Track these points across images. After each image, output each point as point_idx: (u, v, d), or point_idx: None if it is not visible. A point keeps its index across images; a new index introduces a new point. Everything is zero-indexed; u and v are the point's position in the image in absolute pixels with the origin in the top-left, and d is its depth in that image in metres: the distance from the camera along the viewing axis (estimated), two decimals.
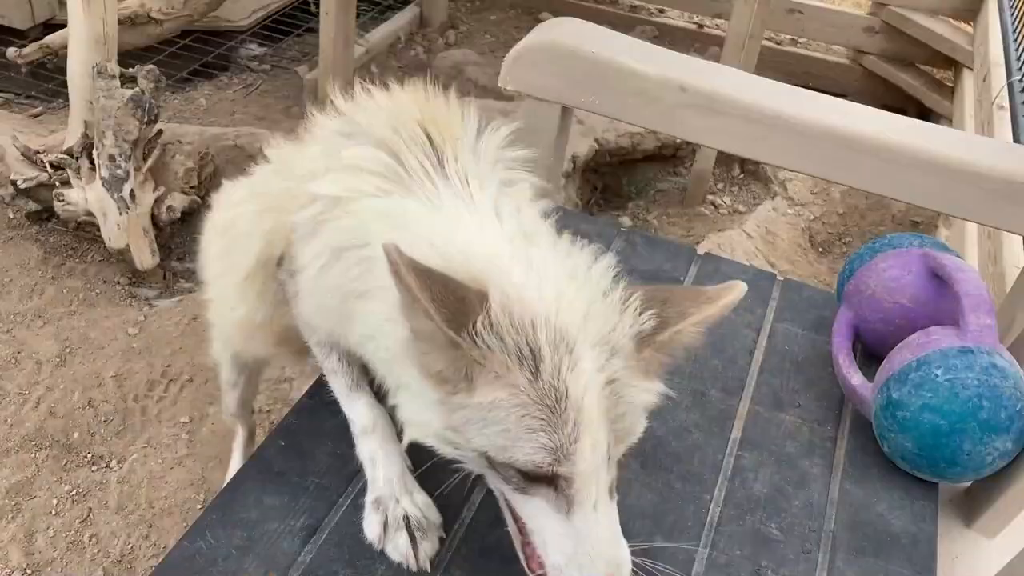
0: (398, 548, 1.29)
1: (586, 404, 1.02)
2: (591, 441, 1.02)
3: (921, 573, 1.46)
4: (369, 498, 1.35)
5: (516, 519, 1.15)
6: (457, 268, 1.06)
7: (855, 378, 1.70)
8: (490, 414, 1.03)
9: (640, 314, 1.09)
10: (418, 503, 1.33)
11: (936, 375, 1.52)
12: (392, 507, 1.31)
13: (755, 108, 1.96)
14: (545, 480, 1.04)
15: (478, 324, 1.01)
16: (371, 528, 1.32)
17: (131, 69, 3.27)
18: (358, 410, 1.42)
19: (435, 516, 1.33)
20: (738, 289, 1.14)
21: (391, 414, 1.33)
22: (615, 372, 1.06)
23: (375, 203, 1.21)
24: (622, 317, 1.09)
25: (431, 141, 1.26)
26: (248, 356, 1.92)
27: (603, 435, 1.04)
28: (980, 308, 1.58)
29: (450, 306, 1.00)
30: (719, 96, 1.99)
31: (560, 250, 1.18)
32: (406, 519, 1.30)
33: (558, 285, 1.08)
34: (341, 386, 1.45)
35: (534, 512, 1.08)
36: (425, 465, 1.30)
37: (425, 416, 1.11)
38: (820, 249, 4.15)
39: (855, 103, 2.11)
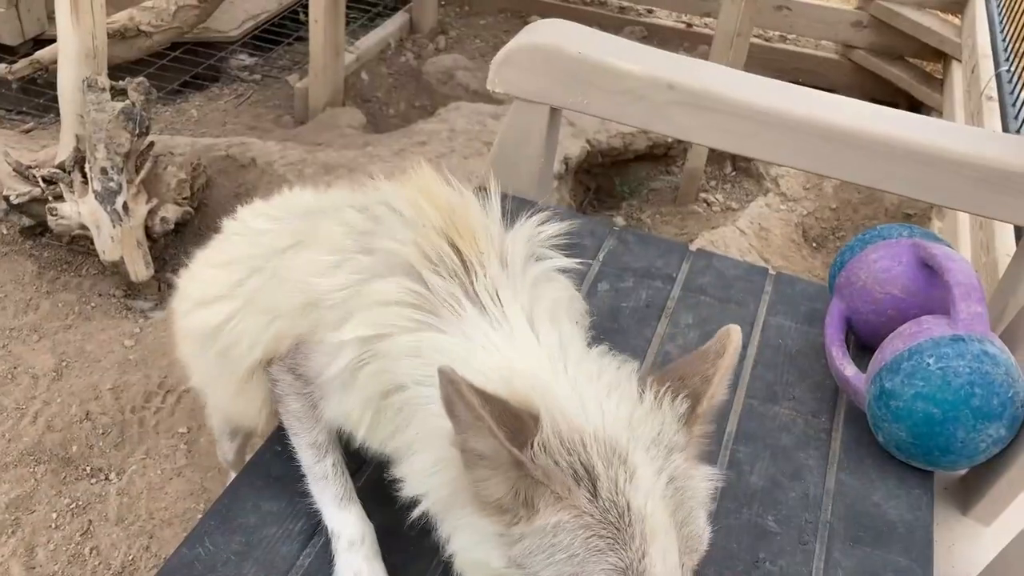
0: None
1: (650, 512, 0.98)
2: (660, 551, 0.97)
3: (917, 561, 1.47)
4: None
5: None
6: (501, 390, 1.02)
7: (848, 369, 1.71)
8: (555, 539, 0.98)
9: (674, 402, 1.07)
10: None
11: (928, 364, 1.53)
12: None
13: (744, 104, 1.97)
14: None
15: (535, 443, 0.98)
16: None
17: (121, 82, 3.28)
18: (348, 521, 1.35)
19: None
20: (736, 333, 1.12)
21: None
22: (675, 470, 1.02)
23: (406, 340, 1.17)
24: (663, 414, 1.06)
25: (458, 253, 1.22)
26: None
27: (673, 542, 0.99)
28: (971, 296, 1.59)
29: (509, 425, 0.97)
30: (707, 93, 2.00)
31: (593, 361, 1.16)
32: None
33: (599, 399, 1.06)
34: (330, 496, 1.37)
35: None
36: None
37: (484, 554, 1.04)
38: (814, 244, 4.16)
39: (844, 97, 2.12)
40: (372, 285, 1.21)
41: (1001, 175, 1.80)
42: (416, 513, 1.16)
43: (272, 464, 1.50)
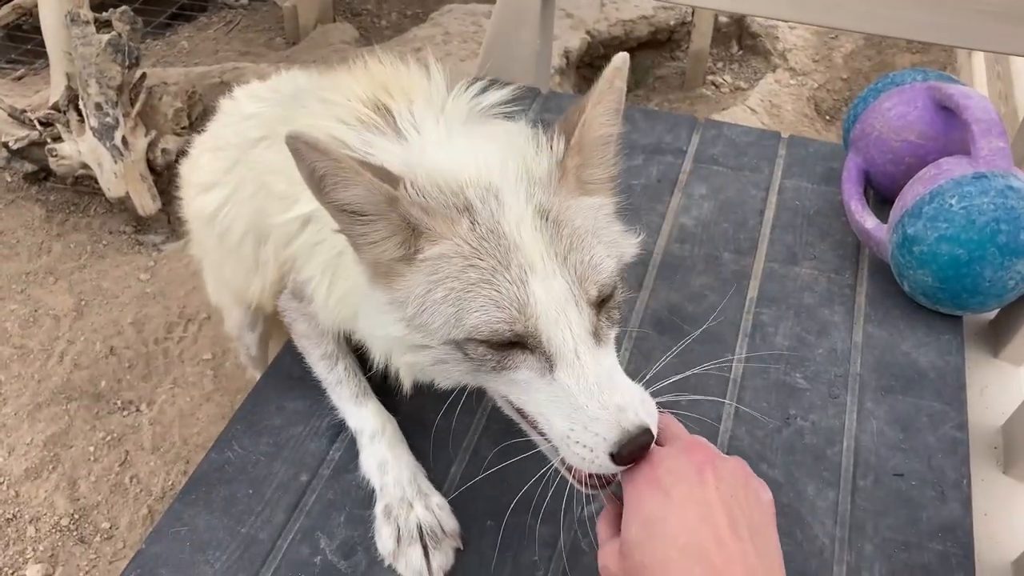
0: (411, 565, 1.19)
1: (524, 240, 0.97)
2: (542, 283, 0.96)
3: (951, 404, 1.45)
4: (379, 507, 1.25)
5: (530, 423, 1.05)
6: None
7: (869, 221, 1.66)
8: (435, 277, 0.98)
9: (551, 140, 1.05)
10: (432, 507, 1.24)
11: (950, 205, 1.48)
12: (405, 515, 1.22)
13: None
14: (518, 347, 0.97)
15: (407, 185, 0.99)
16: (383, 542, 1.22)
17: (105, 13, 3.21)
18: (366, 416, 1.36)
19: (451, 522, 1.23)
20: (617, 58, 1.06)
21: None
22: (545, 201, 1.01)
23: None
24: (535, 150, 1.05)
25: (386, 112, 1.20)
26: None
27: (555, 271, 0.97)
28: (991, 132, 1.53)
29: (377, 172, 0.98)
30: None
31: (489, 126, 1.15)
32: (419, 529, 1.21)
33: (479, 151, 1.06)
34: (347, 396, 1.39)
35: (525, 390, 1.00)
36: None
37: (388, 327, 1.05)
38: (827, 117, 4.07)
39: None
40: None
41: (1020, 6, 1.72)
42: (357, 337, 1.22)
43: (293, 366, 1.49)
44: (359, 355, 1.44)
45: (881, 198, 1.82)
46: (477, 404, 1.39)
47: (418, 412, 1.38)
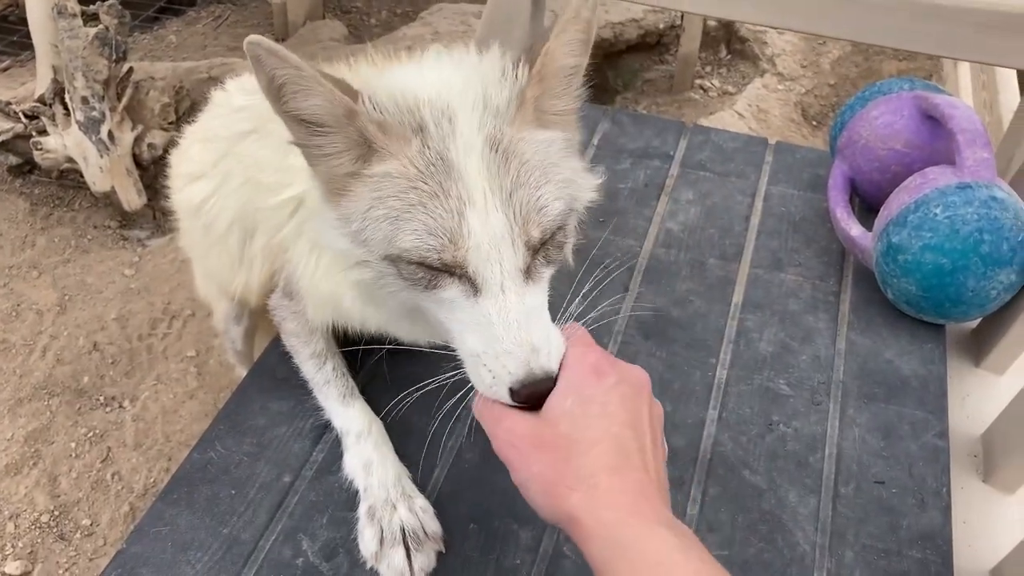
0: (393, 566, 1.19)
1: (470, 170, 0.96)
2: (479, 217, 0.95)
3: (933, 413, 1.46)
4: (363, 508, 1.25)
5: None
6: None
7: (854, 229, 1.67)
8: (378, 194, 0.98)
9: (516, 69, 1.03)
10: (416, 509, 1.24)
11: (935, 214, 1.49)
12: (388, 517, 1.22)
13: None
14: (447, 272, 0.98)
15: (366, 100, 0.97)
16: (366, 544, 1.21)
17: (92, 6, 3.18)
18: (352, 416, 1.36)
19: (434, 525, 1.23)
20: None
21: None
22: (498, 131, 0.98)
23: None
24: (499, 78, 1.02)
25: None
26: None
27: (496, 207, 0.96)
28: (976, 142, 1.54)
29: (338, 83, 0.97)
30: None
31: (459, 53, 1.12)
32: (402, 531, 1.21)
33: (442, 73, 1.05)
34: (334, 395, 1.39)
35: (451, 308, 1.00)
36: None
37: (336, 242, 1.05)
38: (814, 123, 4.08)
39: None
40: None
41: (1006, 18, 1.73)
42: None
43: (278, 366, 1.49)
44: (347, 355, 1.44)
45: (867, 206, 1.83)
46: (461, 407, 1.39)
47: (402, 414, 1.38)
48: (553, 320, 1.02)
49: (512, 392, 0.95)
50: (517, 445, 0.94)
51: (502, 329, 0.96)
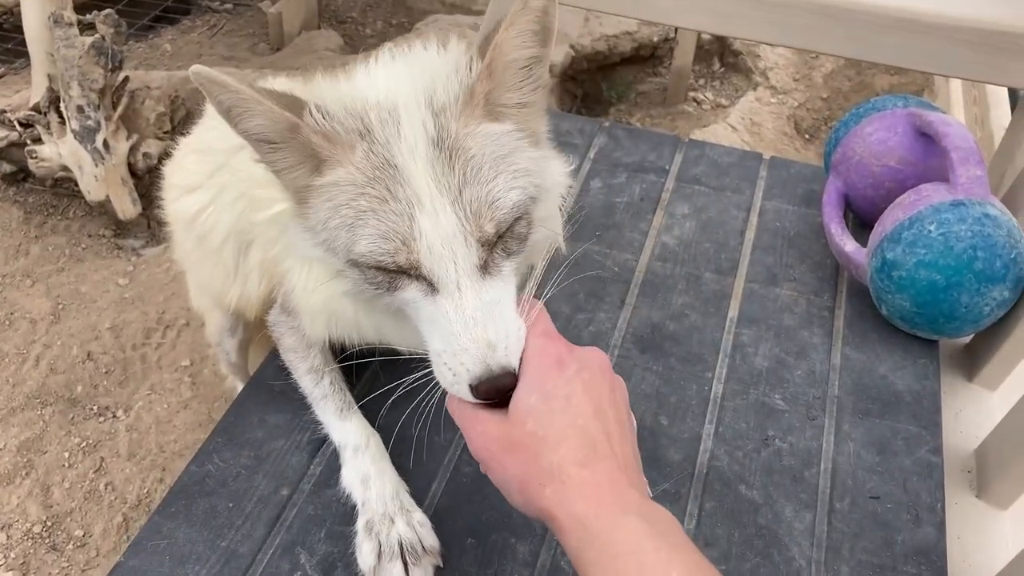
0: None
1: (416, 172, 0.96)
2: (430, 219, 0.95)
3: (927, 428, 1.47)
4: (360, 522, 1.25)
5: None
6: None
7: (848, 245, 1.69)
8: (333, 202, 0.99)
9: (469, 64, 1.02)
10: (414, 523, 1.24)
11: (929, 231, 1.51)
12: (386, 531, 1.22)
13: None
14: (405, 273, 0.99)
15: (312, 110, 0.98)
16: (364, 558, 1.21)
17: (89, 16, 3.19)
18: (350, 429, 1.36)
19: (431, 539, 1.23)
20: None
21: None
22: (443, 129, 0.98)
23: None
24: (450, 73, 1.02)
25: None
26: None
27: (445, 208, 0.96)
28: (969, 160, 1.55)
29: (279, 100, 0.97)
30: None
31: (418, 50, 1.11)
32: (400, 545, 1.21)
33: (392, 72, 1.05)
34: (331, 410, 1.39)
35: (414, 307, 1.02)
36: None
37: (313, 253, 1.07)
38: (806, 136, 4.11)
39: None
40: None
41: (995, 37, 1.75)
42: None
43: (275, 379, 1.49)
44: (344, 370, 1.45)
45: (860, 221, 1.85)
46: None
47: (400, 428, 1.38)
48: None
49: (472, 389, 0.97)
50: (490, 448, 0.96)
51: (459, 326, 0.97)
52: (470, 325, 0.97)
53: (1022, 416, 1.43)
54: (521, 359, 0.98)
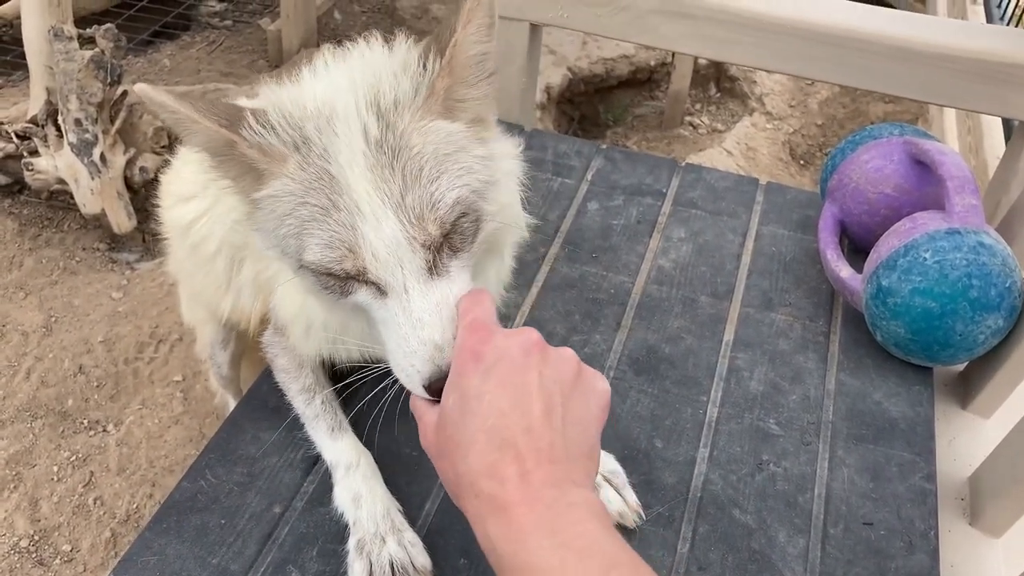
0: None
1: (355, 181, 0.96)
2: (372, 228, 0.95)
3: (920, 455, 1.47)
4: (352, 542, 1.24)
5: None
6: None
7: (844, 271, 1.69)
8: (275, 216, 1.00)
9: (420, 60, 1.01)
10: (405, 543, 1.23)
11: (924, 258, 1.51)
12: (377, 550, 1.21)
13: (723, 8, 1.92)
14: (354, 279, 0.99)
15: (251, 124, 0.98)
16: None
17: (89, 30, 3.20)
18: (341, 449, 1.36)
19: (423, 559, 1.22)
20: None
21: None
22: (386, 131, 0.98)
23: None
24: (398, 71, 1.01)
25: None
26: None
27: (387, 215, 0.95)
28: (964, 189, 1.57)
29: (220, 114, 0.97)
30: None
31: (358, 52, 1.09)
32: (391, 565, 1.20)
33: (332, 76, 1.05)
34: (323, 429, 1.39)
35: (368, 309, 1.02)
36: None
37: (277, 259, 1.09)
38: (801, 161, 4.13)
39: None
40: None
41: (989, 67, 1.76)
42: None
43: (269, 396, 1.48)
44: (337, 390, 1.45)
45: (856, 248, 1.85)
46: None
47: (393, 446, 1.38)
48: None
49: (426, 388, 0.98)
50: (429, 451, 0.96)
51: (407, 329, 0.98)
52: (418, 327, 0.98)
53: (1016, 444, 1.43)
54: None
